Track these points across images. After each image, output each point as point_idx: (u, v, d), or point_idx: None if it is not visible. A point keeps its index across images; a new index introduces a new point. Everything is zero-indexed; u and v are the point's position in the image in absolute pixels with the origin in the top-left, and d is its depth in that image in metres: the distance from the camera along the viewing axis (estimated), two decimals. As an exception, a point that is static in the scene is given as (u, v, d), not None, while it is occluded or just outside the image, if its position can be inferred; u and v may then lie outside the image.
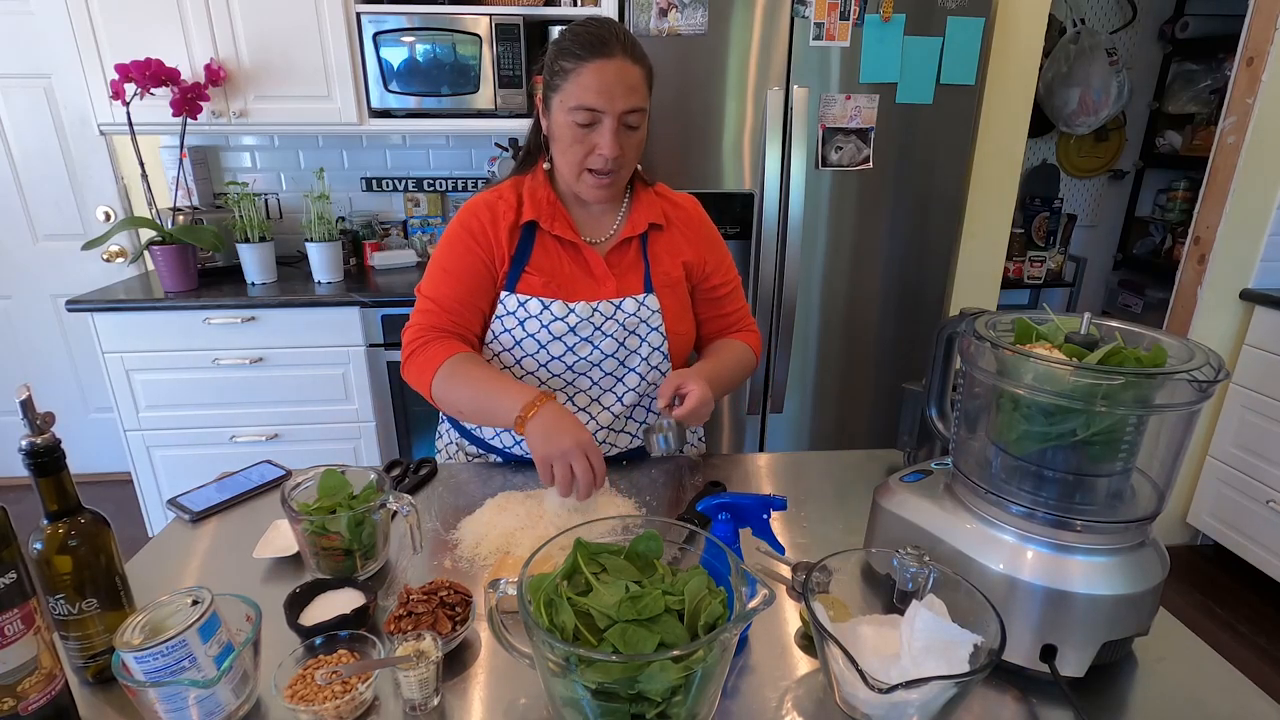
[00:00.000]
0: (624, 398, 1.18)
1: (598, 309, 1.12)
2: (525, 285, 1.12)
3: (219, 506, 1.06)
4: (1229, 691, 0.73)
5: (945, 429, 0.97)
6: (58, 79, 2.54)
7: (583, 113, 1.02)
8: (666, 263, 1.18)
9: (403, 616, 0.75)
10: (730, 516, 0.87)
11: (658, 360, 1.17)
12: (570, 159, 1.07)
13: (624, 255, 1.16)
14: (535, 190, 1.13)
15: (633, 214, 1.16)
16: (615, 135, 1.03)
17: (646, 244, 1.17)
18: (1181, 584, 2.44)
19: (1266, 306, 2.27)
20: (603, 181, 1.08)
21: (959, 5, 2.00)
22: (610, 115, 1.02)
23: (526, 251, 1.13)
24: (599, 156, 1.05)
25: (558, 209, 1.13)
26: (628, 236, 1.15)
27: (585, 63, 1.01)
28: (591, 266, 1.14)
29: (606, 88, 1.01)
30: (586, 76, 1.01)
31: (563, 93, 1.04)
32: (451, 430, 1.30)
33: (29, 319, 2.80)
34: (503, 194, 1.14)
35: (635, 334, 1.15)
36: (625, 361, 1.16)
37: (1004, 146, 2.39)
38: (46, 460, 0.66)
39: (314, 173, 2.47)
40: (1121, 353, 0.70)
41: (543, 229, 1.12)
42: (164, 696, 0.62)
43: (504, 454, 1.24)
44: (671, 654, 0.55)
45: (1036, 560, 0.71)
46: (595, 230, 1.17)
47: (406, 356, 1.12)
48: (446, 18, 2.21)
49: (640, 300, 1.14)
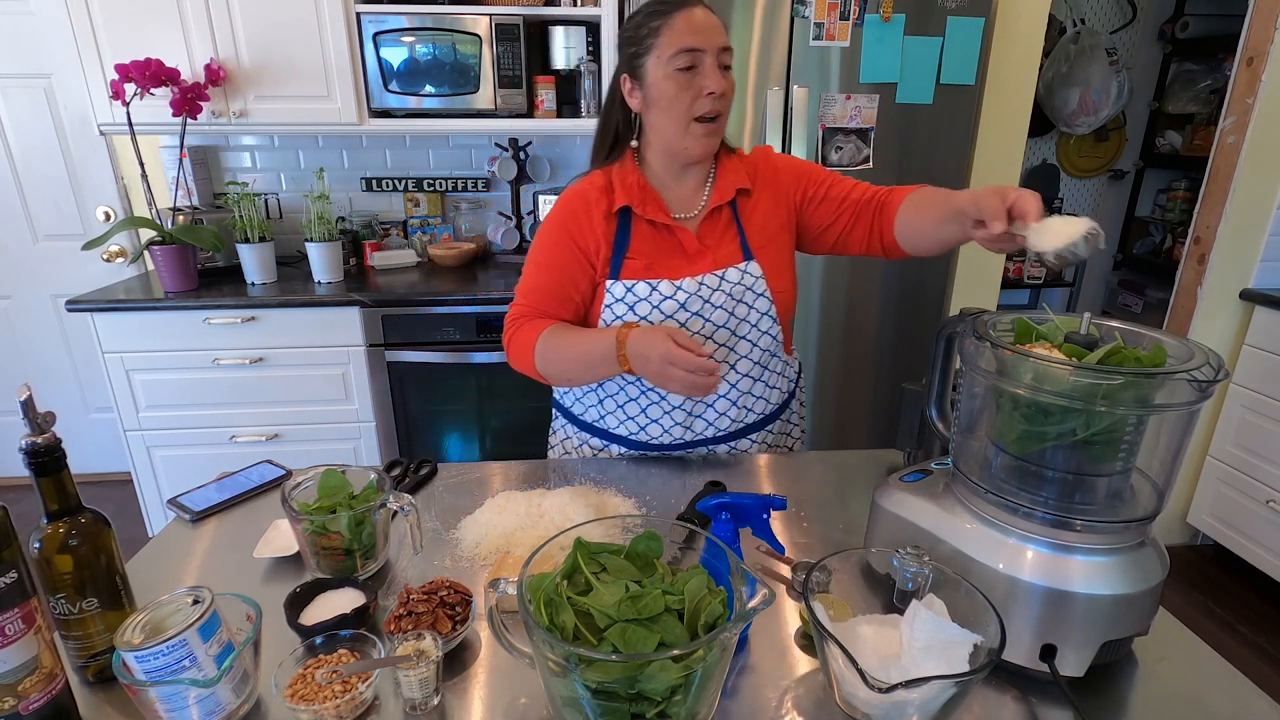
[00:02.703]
0: (738, 366, 1.19)
1: (704, 283, 1.14)
2: (629, 271, 1.14)
3: (219, 506, 1.06)
4: (1229, 691, 0.73)
5: (945, 429, 0.97)
6: (58, 79, 2.54)
7: (684, 55, 1.05)
8: (760, 222, 1.19)
9: (403, 616, 0.75)
10: (730, 516, 0.87)
11: (768, 325, 1.18)
12: (676, 113, 1.09)
13: (715, 226, 1.18)
14: (624, 177, 1.15)
15: (718, 183, 1.18)
16: (718, 71, 1.06)
17: (737, 210, 1.18)
18: (1181, 584, 2.44)
19: (1266, 306, 2.27)
20: (710, 128, 1.10)
21: (959, 5, 2.00)
22: (710, 52, 1.05)
23: (625, 238, 1.15)
24: (706, 98, 1.07)
25: (648, 192, 1.15)
26: (717, 205, 1.17)
27: (673, 14, 1.06)
28: (685, 245, 1.16)
29: (700, 28, 1.05)
30: (678, 23, 1.05)
31: (657, 50, 1.07)
32: (568, 427, 1.31)
33: (29, 319, 2.80)
34: (594, 181, 1.17)
35: (743, 302, 1.16)
36: (736, 330, 1.17)
37: (1004, 146, 2.39)
38: (47, 460, 0.66)
39: (314, 173, 2.47)
40: (1121, 353, 0.70)
41: (636, 214, 1.14)
42: (164, 696, 0.62)
43: (628, 443, 1.25)
44: (671, 654, 0.55)
45: (1036, 560, 0.71)
46: (684, 207, 1.18)
47: (506, 344, 1.19)
48: (446, 18, 2.21)
49: (742, 269, 1.16)
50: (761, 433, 1.27)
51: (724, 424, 1.22)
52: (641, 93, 1.12)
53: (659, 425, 1.22)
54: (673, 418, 1.21)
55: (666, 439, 1.23)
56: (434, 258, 2.57)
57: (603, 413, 1.24)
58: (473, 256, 2.61)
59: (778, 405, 1.27)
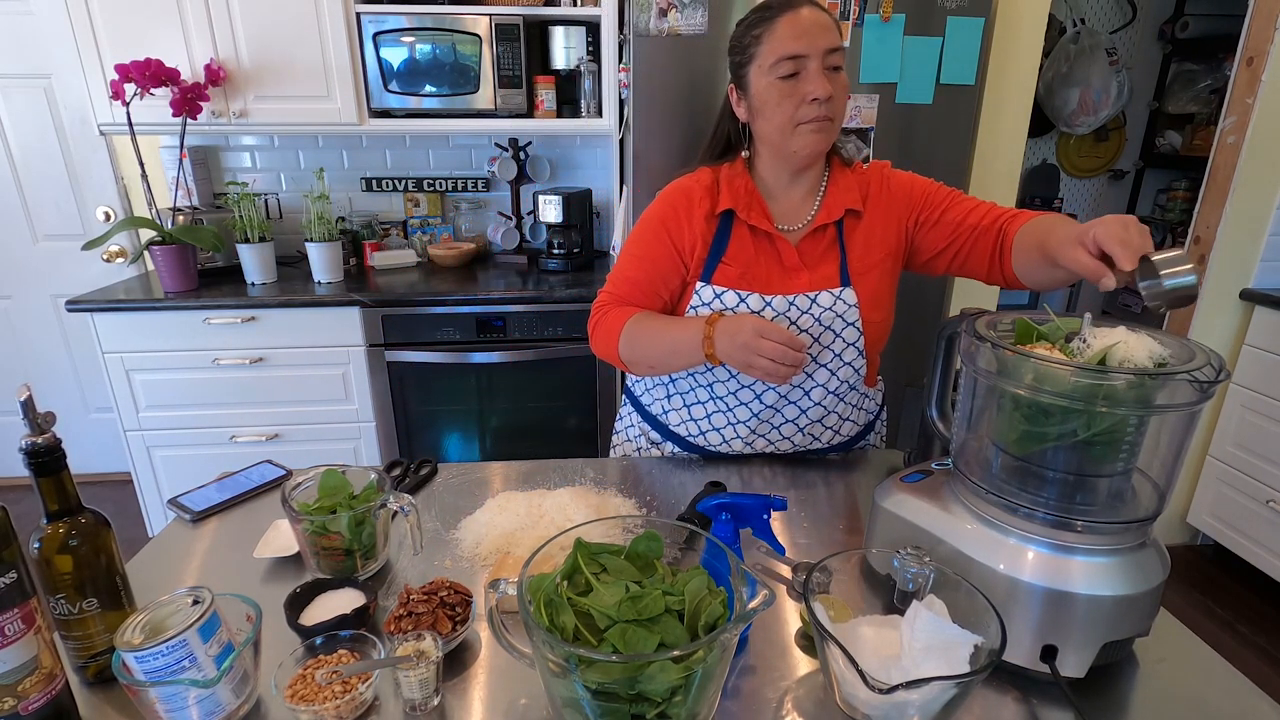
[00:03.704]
0: (812, 393, 1.15)
1: (794, 303, 1.10)
2: (721, 276, 1.12)
3: (219, 506, 1.06)
4: (1229, 692, 0.73)
5: (945, 429, 0.97)
6: (58, 79, 2.53)
7: (785, 63, 1.01)
8: (863, 248, 1.13)
9: (403, 616, 0.75)
10: (730, 516, 0.87)
11: (851, 356, 1.14)
12: (780, 119, 1.05)
13: (818, 244, 1.13)
14: (733, 179, 1.13)
15: (828, 199, 1.13)
16: (823, 75, 1.02)
17: (842, 231, 1.13)
18: (1181, 584, 2.44)
19: (1266, 306, 2.27)
20: (819, 128, 1.04)
21: (959, 5, 1.99)
22: (814, 56, 1.01)
23: (724, 241, 1.13)
24: (811, 104, 1.02)
25: (755, 197, 1.12)
26: (823, 223, 1.12)
27: (776, 19, 1.02)
28: (784, 258, 1.12)
29: (803, 31, 1.01)
30: (780, 29, 1.02)
31: (760, 58, 1.04)
32: (634, 414, 1.31)
33: (29, 319, 2.80)
34: (700, 178, 1.14)
35: (830, 329, 1.12)
36: (819, 357, 1.13)
37: (1004, 146, 2.39)
38: (47, 460, 0.66)
39: (314, 173, 2.47)
40: (1122, 353, 0.70)
41: (739, 218, 1.12)
42: (164, 696, 0.62)
43: (684, 444, 1.24)
44: (672, 654, 0.55)
45: (1037, 561, 0.71)
46: (791, 218, 1.14)
47: (591, 330, 1.19)
48: (446, 18, 2.21)
49: (836, 294, 1.11)
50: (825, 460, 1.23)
51: (786, 446, 1.21)
52: (747, 102, 1.09)
53: (720, 434, 1.20)
54: (736, 430, 1.19)
55: (725, 449, 1.21)
56: (434, 258, 2.57)
57: (667, 408, 1.24)
58: (473, 256, 2.61)
59: (848, 438, 1.24)
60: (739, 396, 1.16)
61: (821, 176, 1.15)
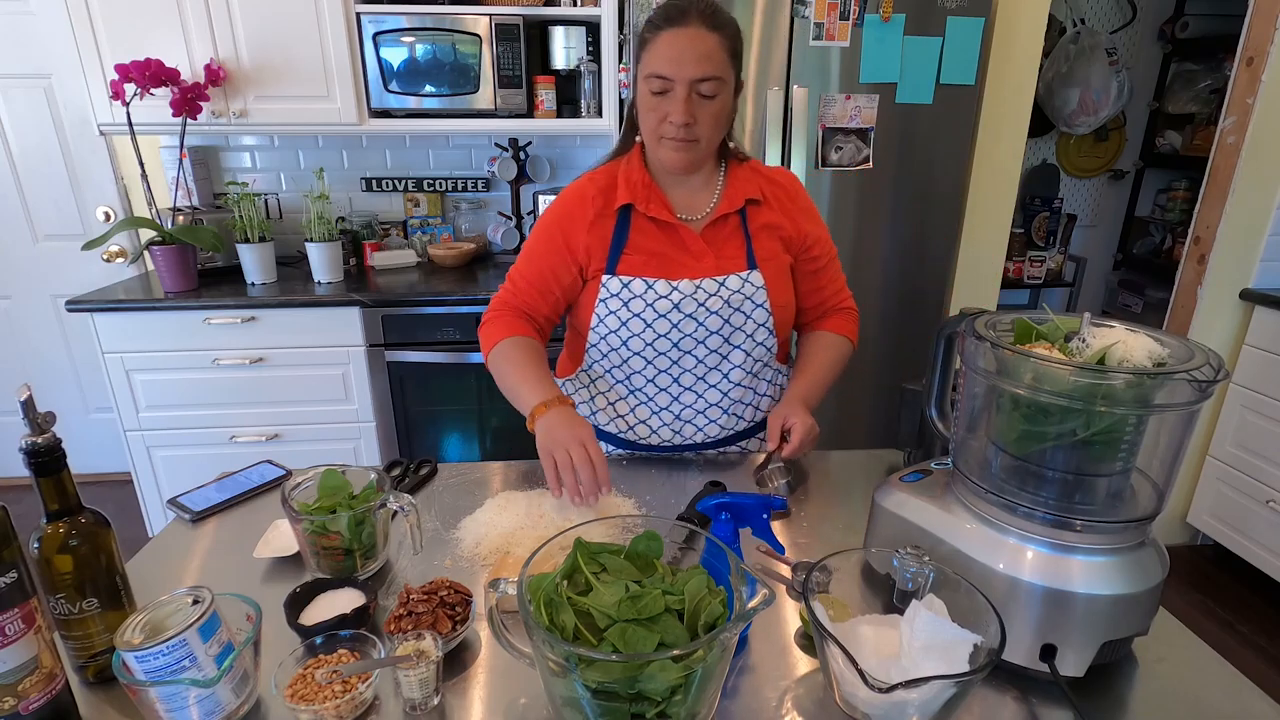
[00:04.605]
0: (730, 374, 1.18)
1: (701, 285, 1.12)
2: (626, 266, 1.13)
3: (219, 506, 1.06)
4: (1229, 691, 0.73)
5: (945, 429, 0.97)
6: (58, 79, 2.54)
7: (655, 80, 1.04)
8: (766, 237, 1.17)
9: (403, 616, 0.75)
10: (730, 516, 0.87)
11: (763, 336, 1.17)
12: (648, 126, 1.09)
13: (721, 231, 1.16)
14: (630, 174, 1.14)
15: (728, 190, 1.16)
16: (685, 103, 1.03)
17: (746, 219, 1.16)
18: (1181, 584, 2.44)
19: (1266, 306, 2.27)
20: (678, 146, 1.07)
21: (959, 5, 2.00)
22: (680, 83, 1.02)
23: (624, 235, 1.14)
24: (670, 124, 1.05)
25: (653, 190, 1.14)
26: (725, 213, 1.15)
27: (660, 32, 1.04)
28: (688, 244, 1.14)
29: (676, 56, 1.02)
30: (660, 45, 1.03)
31: (641, 63, 1.07)
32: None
33: (29, 319, 2.80)
34: (595, 179, 1.16)
35: (740, 310, 1.14)
36: (730, 339, 1.16)
37: (1004, 146, 2.39)
38: (47, 460, 0.66)
39: (314, 173, 2.47)
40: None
41: (638, 210, 1.13)
42: (164, 696, 0.62)
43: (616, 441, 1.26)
44: (671, 654, 0.55)
45: (1036, 560, 0.71)
46: (691, 208, 1.17)
47: (481, 326, 1.20)
48: (446, 18, 2.21)
49: (744, 277, 1.14)
50: (751, 439, 1.27)
51: (713, 431, 1.22)
52: (635, 93, 1.11)
53: (647, 426, 1.22)
54: (661, 419, 1.21)
55: (654, 440, 1.23)
56: (434, 258, 2.57)
57: (594, 409, 1.25)
58: (473, 256, 2.61)
59: (768, 412, 1.27)
60: (657, 383, 1.18)
61: (716, 171, 1.18)
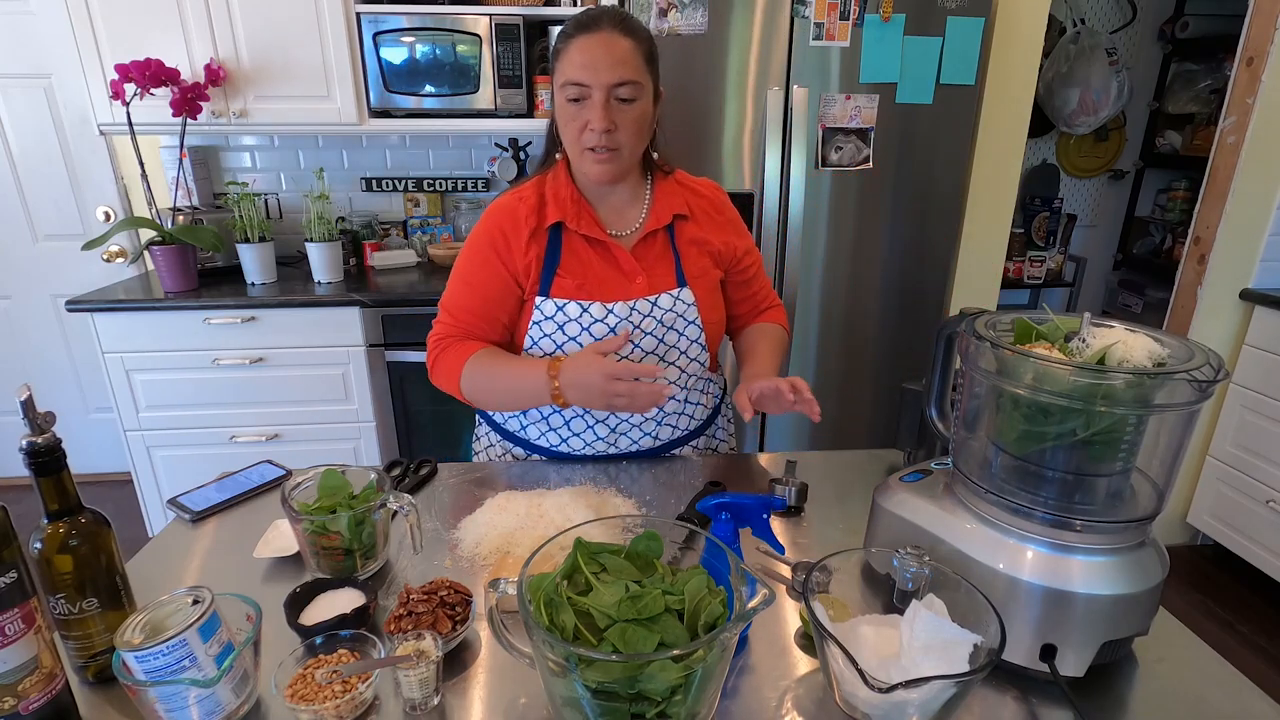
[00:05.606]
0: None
1: (635, 307, 1.11)
2: (559, 289, 1.11)
3: (219, 506, 1.06)
4: (1229, 691, 0.73)
5: (945, 429, 0.97)
6: (58, 79, 2.54)
7: (571, 88, 1.02)
8: (695, 253, 1.17)
9: (403, 616, 0.75)
10: (730, 516, 0.87)
11: (696, 352, 1.18)
12: (569, 138, 1.07)
13: (651, 248, 1.15)
14: (558, 190, 1.12)
15: (655, 205, 1.15)
16: (604, 108, 1.01)
17: (674, 236, 1.16)
18: (1181, 584, 2.44)
19: (1266, 306, 2.27)
20: (601, 157, 1.05)
21: (959, 5, 2.00)
22: (596, 88, 1.00)
23: (556, 254, 1.12)
24: (590, 132, 1.03)
25: (582, 206, 1.12)
26: (653, 229, 1.14)
27: (573, 39, 1.02)
28: (620, 263, 1.13)
29: (591, 61, 1.00)
30: (573, 52, 1.01)
31: (557, 72, 1.04)
32: (492, 434, 1.29)
33: (29, 319, 2.80)
34: (524, 196, 1.13)
35: (673, 329, 1.14)
36: (665, 356, 1.16)
37: (1004, 146, 2.39)
38: (47, 460, 0.66)
39: (314, 173, 2.47)
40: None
41: (569, 229, 1.11)
42: (164, 696, 0.62)
43: (550, 452, 1.23)
44: (671, 654, 0.55)
45: (1036, 560, 0.71)
46: (620, 223, 1.16)
47: (431, 364, 1.16)
48: (446, 18, 2.21)
49: (675, 295, 1.14)
50: (685, 448, 1.27)
51: (648, 443, 1.21)
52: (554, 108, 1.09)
53: (581, 439, 1.20)
54: (595, 432, 1.19)
55: (589, 452, 1.21)
56: (434, 258, 2.57)
57: (525, 423, 1.22)
58: (473, 256, 2.61)
59: (702, 421, 1.27)
60: None
61: (643, 184, 1.17)
